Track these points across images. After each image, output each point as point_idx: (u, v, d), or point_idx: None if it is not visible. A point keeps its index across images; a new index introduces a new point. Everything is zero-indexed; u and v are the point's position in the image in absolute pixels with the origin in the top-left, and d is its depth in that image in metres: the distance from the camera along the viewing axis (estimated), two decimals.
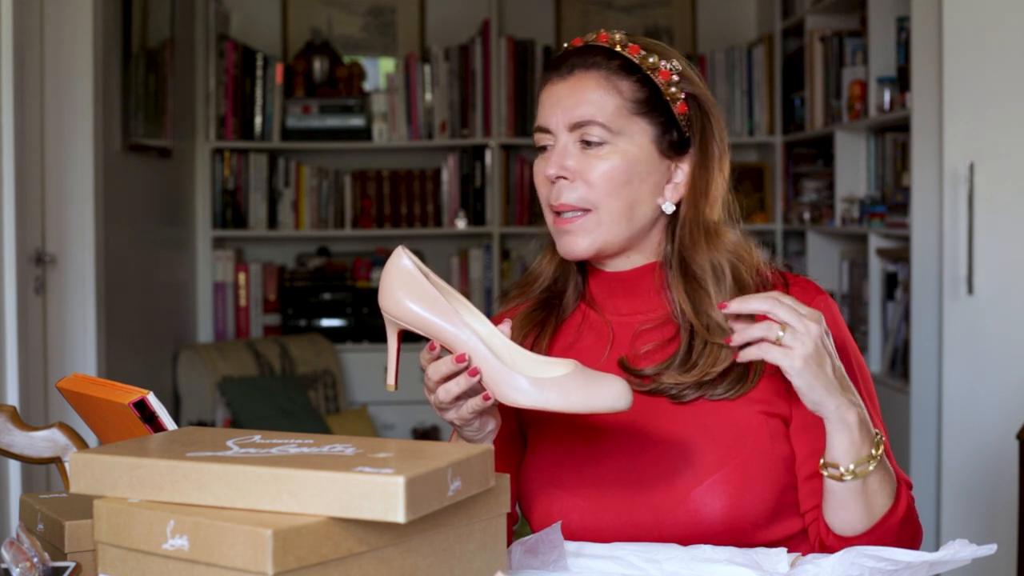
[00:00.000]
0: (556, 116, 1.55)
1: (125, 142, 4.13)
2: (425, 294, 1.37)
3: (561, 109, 1.55)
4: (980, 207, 3.28)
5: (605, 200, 1.53)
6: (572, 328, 1.62)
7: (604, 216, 1.53)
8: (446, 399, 1.38)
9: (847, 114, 4.20)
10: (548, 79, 1.59)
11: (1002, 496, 3.19)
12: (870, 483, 1.41)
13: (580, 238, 1.54)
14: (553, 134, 1.55)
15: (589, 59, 1.56)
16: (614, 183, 1.53)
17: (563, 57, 1.58)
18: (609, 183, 1.53)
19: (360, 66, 5.19)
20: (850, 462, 1.39)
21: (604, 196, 1.53)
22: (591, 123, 1.53)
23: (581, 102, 1.54)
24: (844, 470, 1.40)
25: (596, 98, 1.54)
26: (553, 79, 1.57)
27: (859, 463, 1.39)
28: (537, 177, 1.57)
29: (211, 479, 1.11)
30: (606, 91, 1.54)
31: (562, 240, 1.56)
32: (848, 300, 4.35)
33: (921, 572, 1.29)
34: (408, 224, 5.17)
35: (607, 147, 1.53)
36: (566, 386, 1.32)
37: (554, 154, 1.54)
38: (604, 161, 1.53)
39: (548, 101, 1.57)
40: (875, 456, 1.40)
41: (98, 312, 3.73)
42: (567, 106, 1.54)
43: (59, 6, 3.60)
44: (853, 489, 1.41)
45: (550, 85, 1.58)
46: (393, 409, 5.05)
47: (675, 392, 1.52)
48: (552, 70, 1.59)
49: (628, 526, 1.49)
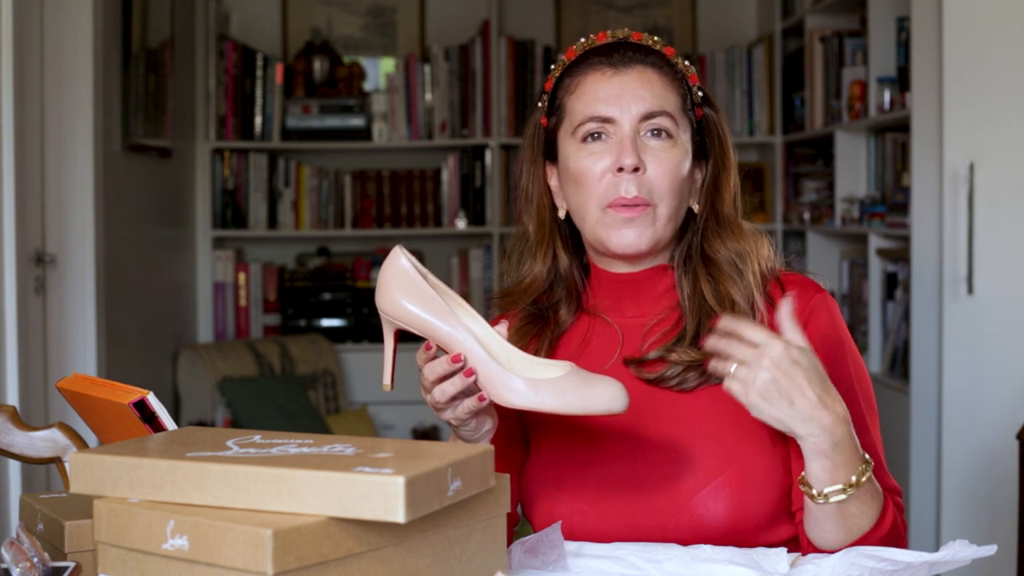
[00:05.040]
0: (624, 104, 1.51)
1: (125, 142, 4.13)
2: (422, 294, 1.37)
3: (630, 98, 1.51)
4: (980, 207, 3.28)
5: (667, 195, 1.51)
6: (576, 338, 1.59)
7: (663, 211, 1.52)
8: (442, 399, 1.37)
9: (847, 114, 4.20)
10: (594, 68, 1.54)
11: (1002, 496, 3.19)
12: (848, 507, 1.38)
13: (641, 231, 1.51)
14: (616, 123, 1.51)
15: (644, 56, 1.54)
16: (677, 178, 1.52)
17: (610, 49, 1.55)
18: (674, 178, 1.51)
19: (360, 66, 5.19)
20: (823, 487, 1.37)
21: (667, 190, 1.51)
22: (663, 114, 1.52)
23: (653, 93, 1.52)
24: (817, 493, 1.38)
25: (663, 92, 1.53)
26: (604, 69, 1.54)
27: (834, 491, 1.37)
28: (592, 169, 1.52)
29: (211, 479, 1.11)
30: (670, 88, 1.54)
31: (623, 232, 1.51)
32: (848, 300, 4.35)
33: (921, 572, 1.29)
34: (408, 224, 5.17)
35: (672, 140, 1.52)
36: (561, 387, 1.32)
37: (627, 144, 1.50)
38: (672, 154, 1.52)
39: (606, 91, 1.52)
40: (855, 483, 1.36)
41: (98, 312, 3.73)
42: (639, 95, 1.51)
43: (59, 6, 3.60)
44: (828, 511, 1.39)
45: (600, 75, 1.54)
46: (393, 409, 5.05)
47: (679, 380, 1.51)
48: (599, 59, 1.54)
49: (631, 530, 1.48)
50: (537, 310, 1.60)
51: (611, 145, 1.51)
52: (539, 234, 1.60)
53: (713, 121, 1.58)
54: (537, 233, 1.61)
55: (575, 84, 1.55)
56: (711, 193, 1.57)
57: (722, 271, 1.54)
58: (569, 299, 1.60)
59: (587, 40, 1.58)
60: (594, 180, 1.52)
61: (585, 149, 1.53)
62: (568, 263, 1.60)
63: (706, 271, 1.54)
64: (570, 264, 1.61)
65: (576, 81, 1.55)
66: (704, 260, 1.55)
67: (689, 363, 1.50)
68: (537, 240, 1.61)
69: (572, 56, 1.58)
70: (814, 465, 1.36)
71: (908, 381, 3.60)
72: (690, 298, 1.54)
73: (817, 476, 1.37)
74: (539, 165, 1.61)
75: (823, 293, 1.56)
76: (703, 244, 1.56)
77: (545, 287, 1.61)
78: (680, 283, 1.56)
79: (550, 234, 1.60)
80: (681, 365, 1.51)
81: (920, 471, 3.51)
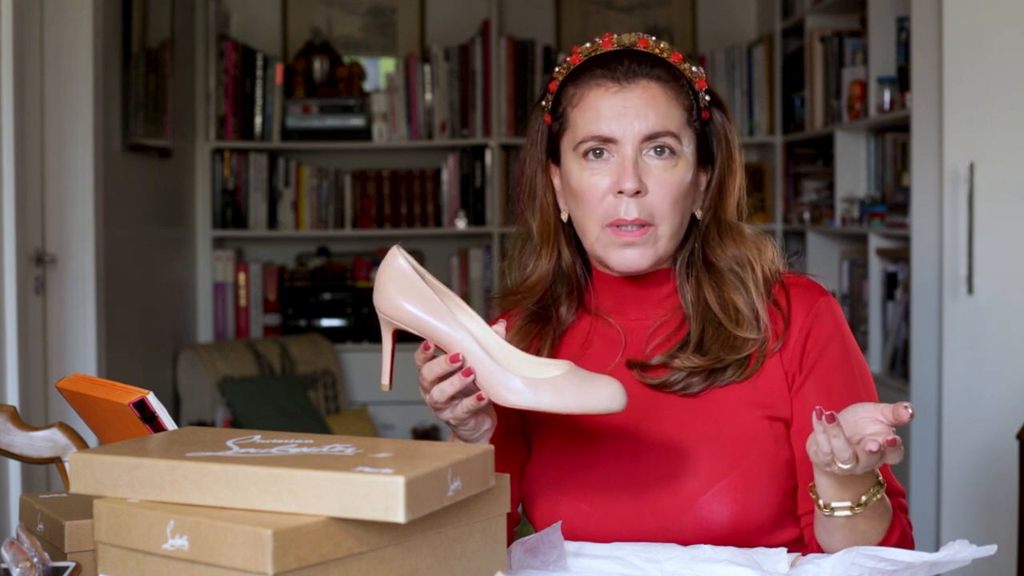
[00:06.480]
0: (624, 126, 1.48)
1: (125, 142, 4.13)
2: (420, 294, 1.36)
3: (632, 118, 1.48)
4: (980, 207, 3.28)
5: (668, 214, 1.49)
6: (578, 338, 1.59)
7: (664, 230, 1.50)
8: (440, 399, 1.37)
9: (847, 114, 4.20)
10: (598, 83, 1.51)
11: (1002, 496, 3.18)
12: (856, 523, 1.38)
13: (642, 252, 1.49)
14: (618, 143, 1.49)
15: (649, 69, 1.50)
16: (678, 198, 1.50)
17: (612, 60, 1.51)
18: (675, 198, 1.49)
19: (360, 66, 5.19)
20: (832, 500, 1.37)
21: (668, 210, 1.49)
22: (665, 134, 1.48)
23: (657, 112, 1.48)
24: (824, 505, 1.38)
25: (667, 109, 1.49)
26: (608, 84, 1.50)
27: (841, 507, 1.37)
28: (593, 189, 1.49)
29: (211, 479, 1.11)
30: (673, 102, 1.50)
31: (622, 254, 1.50)
32: (848, 300, 4.35)
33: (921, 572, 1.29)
34: (408, 224, 5.17)
35: (674, 159, 1.49)
36: (560, 387, 1.32)
37: (628, 166, 1.47)
38: (672, 175, 1.49)
39: (609, 109, 1.49)
40: (864, 503, 1.36)
41: (98, 312, 3.73)
42: (643, 115, 1.48)
43: (59, 6, 3.60)
44: (836, 522, 1.39)
45: (604, 91, 1.50)
46: (393, 409, 5.05)
47: (683, 385, 1.50)
48: (603, 73, 1.51)
49: (633, 531, 1.48)
50: (539, 308, 1.59)
51: (613, 165, 1.49)
52: (544, 233, 1.59)
53: (720, 124, 1.56)
54: (542, 232, 1.59)
55: (579, 96, 1.52)
56: (715, 198, 1.56)
57: (724, 277, 1.53)
58: (571, 296, 1.59)
59: (592, 45, 1.54)
60: (595, 199, 1.50)
61: (586, 166, 1.51)
62: (572, 261, 1.59)
63: (709, 277, 1.53)
64: (573, 262, 1.59)
65: (580, 93, 1.52)
66: (707, 265, 1.54)
67: (692, 369, 1.50)
68: (542, 239, 1.59)
69: (577, 61, 1.54)
70: (822, 479, 1.37)
71: (908, 381, 3.59)
72: (693, 305, 1.53)
73: (825, 490, 1.37)
74: (543, 164, 1.59)
75: (827, 296, 1.56)
76: (705, 250, 1.54)
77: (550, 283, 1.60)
78: (682, 288, 1.55)
79: (554, 233, 1.59)
80: (685, 371, 1.50)
81: (920, 471, 3.51)
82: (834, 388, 1.51)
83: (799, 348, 1.52)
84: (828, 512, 1.37)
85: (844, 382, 1.52)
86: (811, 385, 1.51)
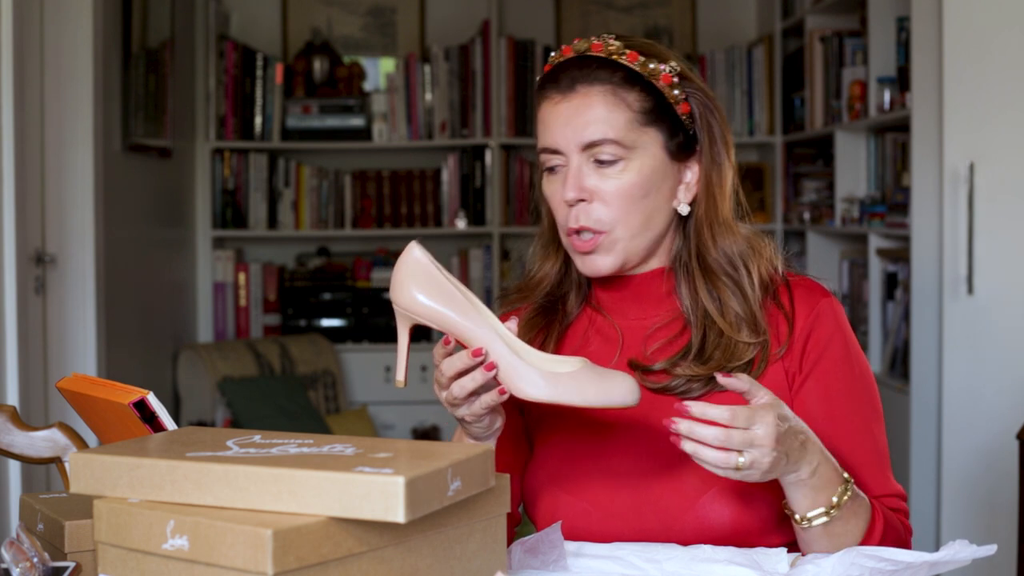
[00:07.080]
0: (566, 137, 1.49)
1: (125, 142, 4.13)
2: (440, 288, 1.35)
3: (571, 129, 1.48)
4: (980, 207, 3.28)
5: (624, 218, 1.49)
6: (579, 332, 1.59)
7: (623, 233, 1.50)
8: (460, 395, 1.36)
9: (847, 114, 4.20)
10: (546, 95, 1.52)
11: (1002, 496, 3.19)
12: (833, 527, 1.39)
13: (602, 257, 1.51)
14: (564, 155, 1.50)
15: (591, 73, 1.49)
16: (632, 200, 1.49)
17: (559, 70, 1.52)
18: (627, 201, 1.49)
19: (360, 66, 5.19)
20: (805, 511, 1.38)
21: (623, 215, 1.49)
22: (604, 142, 1.48)
23: (591, 120, 1.48)
24: (800, 518, 1.39)
25: (605, 115, 1.48)
26: (553, 95, 1.51)
27: (816, 515, 1.38)
28: (552, 199, 1.52)
29: (211, 479, 1.11)
30: (614, 106, 1.49)
31: (584, 260, 1.52)
32: (848, 300, 4.35)
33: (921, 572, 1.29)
34: (408, 224, 5.17)
35: (621, 164, 1.49)
36: (580, 381, 1.32)
37: (570, 177, 1.49)
38: (620, 179, 1.49)
39: (553, 120, 1.50)
40: (837, 504, 1.38)
41: (98, 312, 3.73)
42: (577, 126, 1.48)
43: (59, 6, 3.60)
44: (815, 532, 1.40)
45: (550, 103, 1.51)
46: (393, 409, 5.05)
47: (684, 389, 1.50)
48: (550, 85, 1.52)
49: (635, 531, 1.48)
50: (547, 301, 1.61)
51: (562, 175, 1.51)
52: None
53: (701, 117, 1.53)
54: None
55: (538, 109, 1.54)
56: (704, 194, 1.54)
57: (720, 280, 1.52)
58: (578, 291, 1.60)
59: (557, 53, 1.55)
60: (556, 209, 1.53)
61: (547, 177, 1.54)
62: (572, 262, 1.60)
63: (704, 280, 1.53)
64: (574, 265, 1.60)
65: (538, 105, 1.54)
66: (701, 266, 1.53)
67: (693, 376, 1.50)
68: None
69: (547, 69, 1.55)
70: (795, 494, 1.38)
71: (908, 381, 3.60)
72: (693, 310, 1.53)
73: (799, 503, 1.38)
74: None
75: (829, 297, 1.56)
76: (699, 249, 1.54)
77: (556, 281, 1.61)
78: (679, 289, 1.55)
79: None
80: (685, 377, 1.51)
81: (920, 471, 3.51)
82: (832, 389, 1.51)
83: (800, 349, 1.52)
84: (807, 524, 1.38)
85: (843, 384, 1.52)
86: (810, 386, 1.51)
